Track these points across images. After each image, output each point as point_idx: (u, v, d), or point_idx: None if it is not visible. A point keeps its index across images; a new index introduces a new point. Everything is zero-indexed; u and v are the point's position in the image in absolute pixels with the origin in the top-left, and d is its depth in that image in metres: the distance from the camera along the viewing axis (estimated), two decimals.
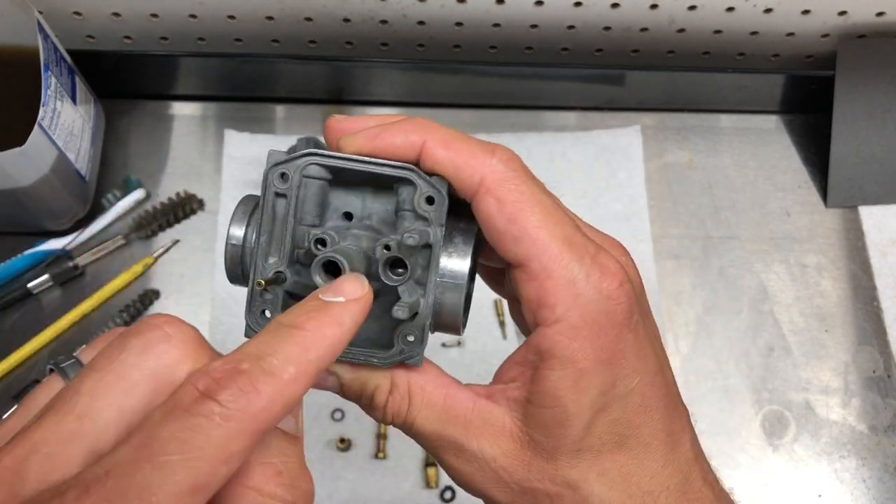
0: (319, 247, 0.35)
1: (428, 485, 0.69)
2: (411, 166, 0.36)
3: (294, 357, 0.29)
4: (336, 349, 0.31)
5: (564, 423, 0.36)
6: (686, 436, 0.39)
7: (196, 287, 0.76)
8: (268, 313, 0.37)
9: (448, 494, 0.69)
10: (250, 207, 0.39)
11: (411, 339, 0.37)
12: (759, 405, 0.73)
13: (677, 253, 0.79)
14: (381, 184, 0.38)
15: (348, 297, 0.32)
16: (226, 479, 0.27)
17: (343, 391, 0.38)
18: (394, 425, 0.38)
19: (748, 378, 0.74)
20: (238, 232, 0.38)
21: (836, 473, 0.71)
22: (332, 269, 0.35)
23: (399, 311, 0.36)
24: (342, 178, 0.38)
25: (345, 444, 0.70)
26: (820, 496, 0.71)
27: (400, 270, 0.36)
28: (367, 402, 0.38)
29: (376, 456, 0.70)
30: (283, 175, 0.36)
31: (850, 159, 0.81)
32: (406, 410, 0.38)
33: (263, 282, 0.36)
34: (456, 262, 0.37)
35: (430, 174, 0.36)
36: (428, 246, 0.36)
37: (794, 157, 0.84)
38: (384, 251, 0.35)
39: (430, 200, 0.36)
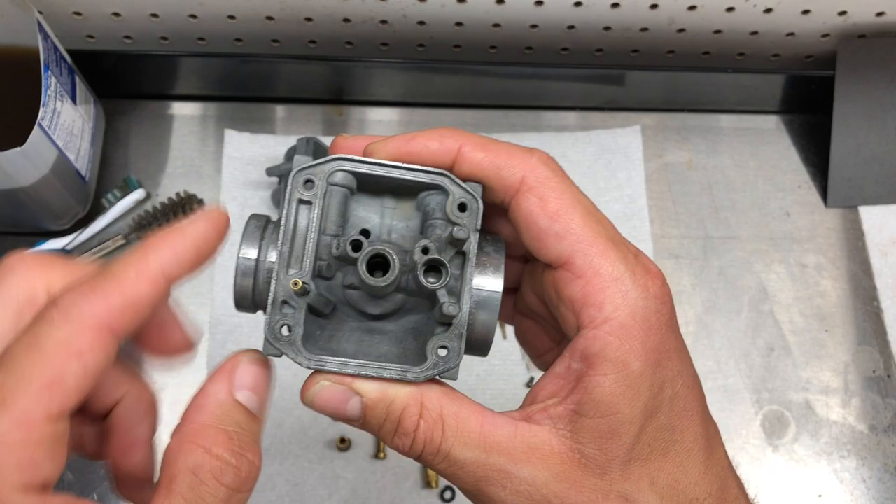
0: (353, 252, 0.34)
1: (428, 485, 0.69)
2: (445, 171, 0.35)
3: (134, 262, 0.31)
4: (181, 256, 0.32)
5: (618, 431, 0.34)
6: (719, 441, 0.38)
7: (196, 287, 0.76)
8: (285, 330, 0.34)
9: (448, 494, 0.69)
10: (263, 223, 0.36)
11: (444, 352, 0.35)
12: (759, 405, 0.73)
13: (677, 253, 0.79)
14: (402, 196, 0.36)
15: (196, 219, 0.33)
16: (86, 376, 0.29)
17: (366, 415, 0.35)
18: (422, 458, 0.35)
19: (748, 378, 0.74)
20: (251, 250, 0.35)
21: (835, 473, 0.71)
22: (378, 267, 0.34)
23: (451, 308, 0.34)
24: (362, 190, 0.36)
25: (345, 445, 0.70)
26: (820, 496, 0.71)
27: (431, 279, 0.34)
28: (391, 428, 0.35)
29: (376, 456, 0.70)
30: (307, 182, 0.34)
31: (850, 159, 0.81)
32: (440, 437, 0.34)
33: (301, 282, 0.34)
34: (490, 272, 0.36)
35: (464, 180, 0.35)
36: (461, 253, 0.35)
37: (794, 157, 0.84)
38: (422, 254, 0.34)
39: (462, 207, 0.35)
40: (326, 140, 0.77)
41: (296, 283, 0.34)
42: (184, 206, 0.77)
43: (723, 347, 0.75)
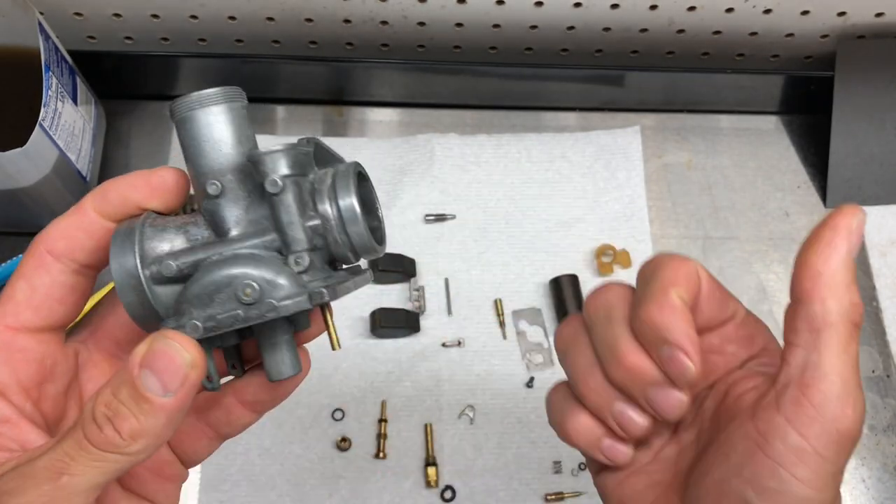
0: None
1: (428, 484, 0.69)
2: None
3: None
4: (107, 193, 0.40)
5: None
6: None
7: None
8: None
9: (448, 494, 0.69)
10: None
11: None
12: None
13: (677, 253, 0.79)
14: None
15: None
16: (33, 290, 0.38)
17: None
18: None
19: None
20: None
21: None
22: None
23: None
24: None
25: (345, 444, 0.70)
26: None
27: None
28: None
29: (376, 456, 0.70)
30: None
31: (850, 160, 0.81)
32: None
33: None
34: None
35: None
36: None
37: (794, 158, 0.84)
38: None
39: None
40: (327, 140, 0.77)
41: None
42: (184, 206, 0.77)
43: None
